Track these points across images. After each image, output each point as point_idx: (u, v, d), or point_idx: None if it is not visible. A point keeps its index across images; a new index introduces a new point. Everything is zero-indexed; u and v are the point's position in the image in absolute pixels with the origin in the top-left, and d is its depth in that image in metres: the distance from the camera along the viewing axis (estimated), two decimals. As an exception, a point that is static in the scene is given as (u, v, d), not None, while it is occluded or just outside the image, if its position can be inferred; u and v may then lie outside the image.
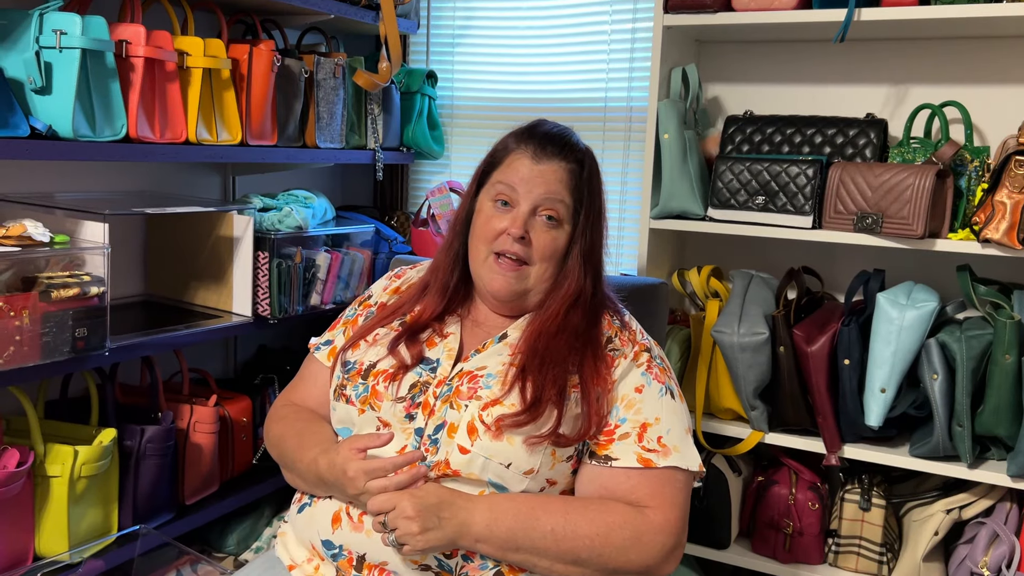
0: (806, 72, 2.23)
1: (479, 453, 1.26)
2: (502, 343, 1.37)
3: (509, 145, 1.40)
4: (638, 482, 1.29)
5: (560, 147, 1.37)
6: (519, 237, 1.33)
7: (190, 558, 1.73)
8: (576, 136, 1.42)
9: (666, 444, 1.30)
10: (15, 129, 1.52)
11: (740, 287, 2.05)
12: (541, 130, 1.40)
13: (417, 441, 1.30)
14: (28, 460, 1.58)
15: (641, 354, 1.37)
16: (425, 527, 1.20)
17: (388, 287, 1.54)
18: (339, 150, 2.25)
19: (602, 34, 2.44)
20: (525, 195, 1.35)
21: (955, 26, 1.93)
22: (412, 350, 1.37)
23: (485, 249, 1.37)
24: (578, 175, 1.37)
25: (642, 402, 1.33)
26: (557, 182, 1.35)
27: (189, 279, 2.08)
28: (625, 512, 1.27)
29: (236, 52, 1.93)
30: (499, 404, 1.28)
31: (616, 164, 2.46)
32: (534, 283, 1.37)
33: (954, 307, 1.94)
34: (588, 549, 1.24)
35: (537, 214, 1.35)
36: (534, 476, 1.28)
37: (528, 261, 1.35)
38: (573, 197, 1.36)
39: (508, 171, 1.38)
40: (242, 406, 2.08)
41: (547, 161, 1.36)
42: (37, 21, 1.56)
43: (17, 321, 1.50)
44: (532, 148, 1.37)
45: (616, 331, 1.40)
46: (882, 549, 1.99)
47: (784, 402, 1.98)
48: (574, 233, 1.37)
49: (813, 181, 1.95)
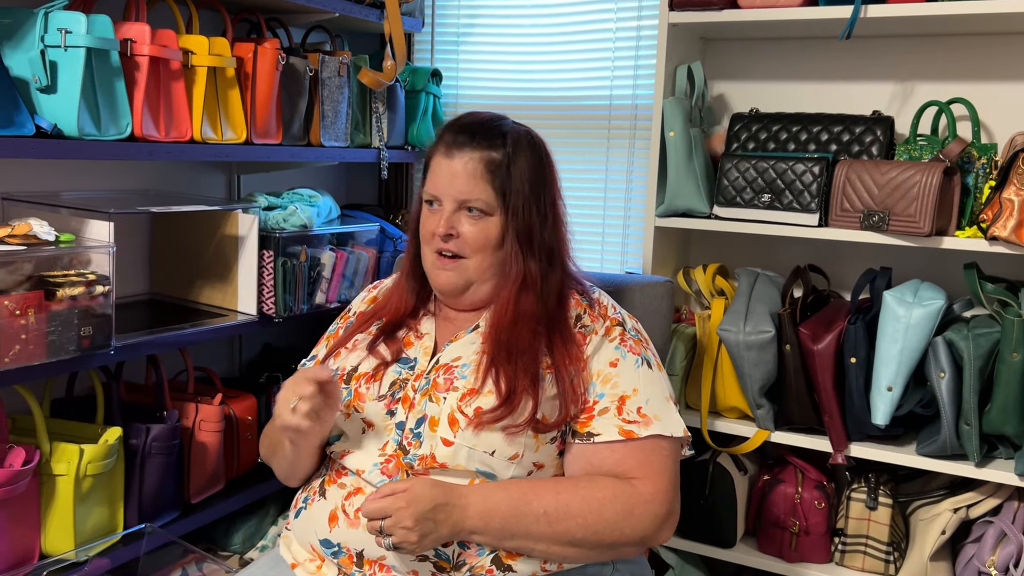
0: (812, 69, 2.22)
1: (463, 444, 1.28)
2: (474, 332, 1.40)
3: (434, 143, 1.42)
4: (623, 455, 1.30)
5: (470, 136, 1.36)
6: (445, 235, 1.35)
7: (195, 556, 1.73)
8: (502, 121, 1.40)
9: (646, 414, 1.31)
10: (20, 128, 1.53)
11: (746, 285, 2.05)
12: (457, 123, 1.40)
13: (399, 435, 1.32)
14: (34, 459, 1.58)
15: (613, 328, 1.38)
16: (423, 534, 1.21)
17: (366, 298, 1.58)
18: (344, 149, 2.25)
19: (607, 32, 2.43)
20: (444, 193, 1.36)
21: (962, 22, 1.92)
22: (391, 347, 1.40)
23: (428, 250, 1.40)
24: (495, 162, 1.35)
25: (618, 375, 1.34)
26: (469, 175, 1.34)
27: (194, 278, 2.08)
28: (615, 486, 1.28)
29: (241, 51, 1.93)
30: (476, 394, 1.30)
31: (621, 162, 2.46)
32: (474, 274, 1.38)
33: (961, 305, 1.93)
34: (582, 528, 1.25)
35: (462, 208, 1.36)
36: (519, 461, 1.29)
37: (462, 255, 1.37)
38: (492, 186, 1.35)
39: (430, 173, 1.40)
40: (247, 405, 2.08)
41: (458, 154, 1.35)
42: (42, 20, 1.57)
43: (23, 320, 1.50)
44: (445, 144, 1.38)
45: (584, 308, 1.41)
46: (889, 548, 1.98)
47: (790, 401, 1.97)
48: (505, 220, 1.36)
49: (819, 179, 1.94)
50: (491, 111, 1.43)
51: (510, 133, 1.39)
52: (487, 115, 1.41)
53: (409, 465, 1.30)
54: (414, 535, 1.20)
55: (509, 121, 1.42)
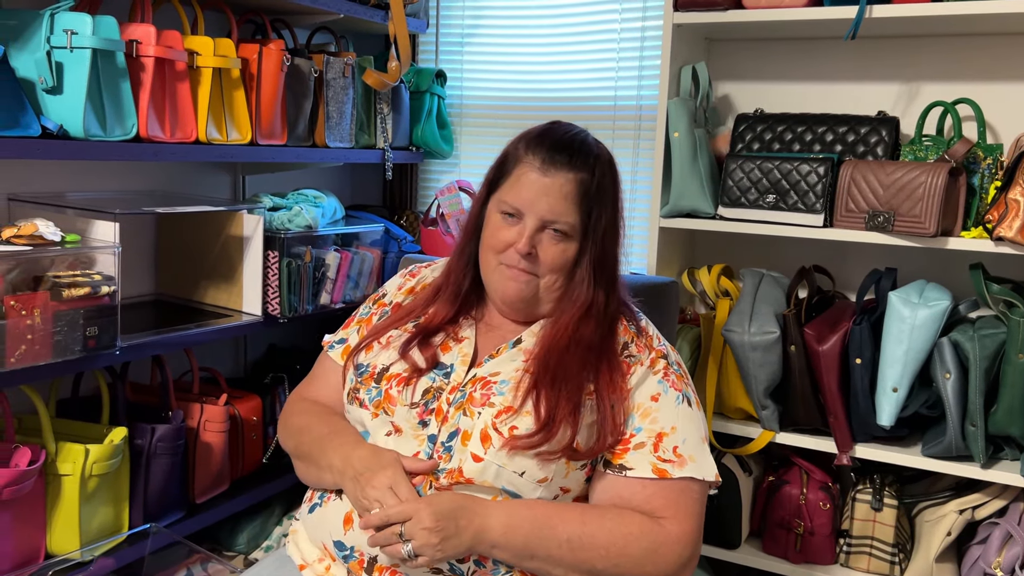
0: (817, 70, 2.22)
1: (492, 461, 1.25)
2: (516, 348, 1.36)
3: (519, 151, 1.35)
4: (653, 492, 1.28)
5: (570, 156, 1.32)
6: (526, 254, 1.31)
7: (200, 557, 1.73)
8: (590, 139, 1.37)
9: (682, 454, 1.29)
10: (26, 129, 1.53)
11: (751, 286, 2.05)
12: (552, 137, 1.34)
13: (430, 448, 1.29)
14: (40, 459, 1.59)
15: (658, 361, 1.35)
16: (444, 537, 1.18)
17: (403, 286, 1.53)
18: (349, 149, 2.26)
19: (612, 32, 2.43)
20: (531, 211, 1.31)
21: (967, 23, 1.92)
22: (425, 354, 1.36)
23: (495, 258, 1.35)
24: (588, 185, 1.31)
25: (658, 411, 1.31)
26: (563, 198, 1.30)
27: (199, 278, 2.09)
28: (642, 523, 1.25)
29: (246, 52, 1.94)
30: (514, 413, 1.27)
31: (626, 163, 2.45)
32: (544, 292, 1.35)
33: (967, 306, 1.93)
34: (604, 559, 1.23)
35: (545, 228, 1.32)
36: (548, 484, 1.27)
37: (536, 274, 1.34)
38: (581, 210, 1.31)
39: (516, 185, 1.33)
40: (252, 405, 2.08)
41: (555, 173, 1.31)
42: (48, 21, 1.57)
43: (29, 320, 1.51)
44: (540, 158, 1.32)
45: (632, 336, 1.38)
46: (894, 549, 1.97)
47: (795, 401, 1.97)
48: (584, 244, 1.34)
49: (824, 179, 1.93)
50: (575, 125, 1.38)
51: (599, 155, 1.35)
52: (578, 131, 1.37)
53: (436, 478, 1.27)
54: (435, 537, 1.17)
55: (593, 139, 1.38)
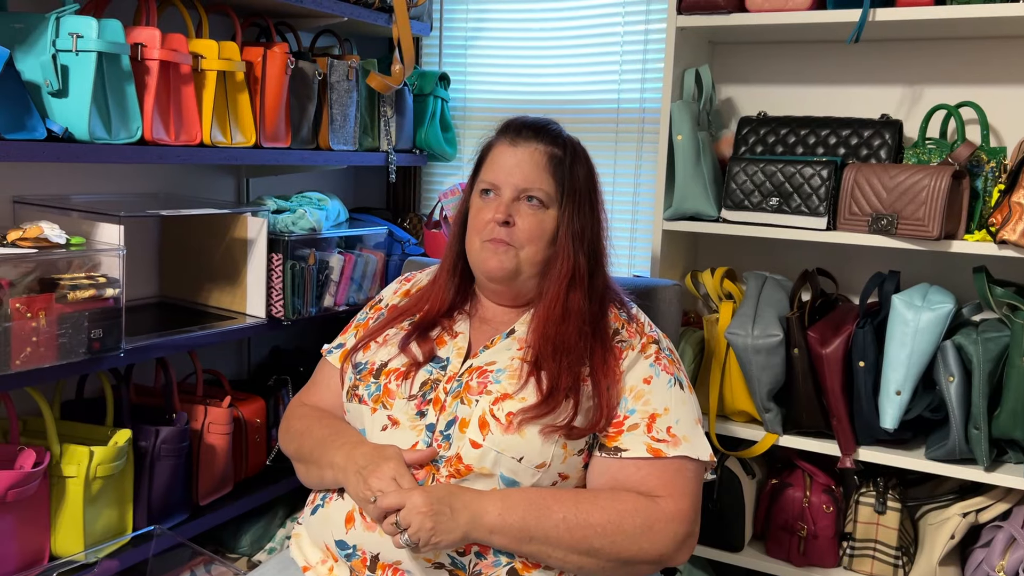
0: (820, 73, 2.22)
1: (491, 447, 1.27)
2: (510, 338, 1.39)
3: (492, 138, 1.44)
4: (648, 472, 1.30)
5: (536, 131, 1.40)
6: (503, 222, 1.36)
7: (204, 559, 1.73)
8: (558, 126, 1.44)
9: (675, 434, 1.31)
10: (32, 131, 1.54)
11: (754, 289, 2.05)
12: (520, 120, 1.43)
13: (429, 437, 1.31)
14: (44, 460, 1.59)
15: (649, 345, 1.38)
16: (438, 520, 1.20)
17: (399, 290, 1.57)
18: (352, 152, 2.26)
19: (615, 35, 2.44)
20: (505, 181, 1.37)
21: (971, 26, 1.92)
22: (423, 347, 1.39)
23: (478, 240, 1.39)
24: (559, 157, 1.38)
25: (651, 393, 1.33)
26: (535, 166, 1.37)
27: (203, 281, 2.09)
28: (636, 500, 1.27)
29: (250, 55, 1.94)
30: (510, 398, 1.29)
31: (629, 166, 2.46)
32: (525, 265, 1.38)
33: (970, 309, 1.93)
34: (600, 537, 1.24)
35: (521, 198, 1.37)
36: (546, 470, 1.29)
37: (515, 244, 1.37)
38: (555, 179, 1.38)
39: (490, 162, 1.41)
40: (256, 407, 2.08)
41: (524, 144, 1.38)
42: (53, 24, 1.58)
43: (34, 322, 1.51)
44: (510, 135, 1.40)
45: (623, 323, 1.41)
46: (897, 553, 1.97)
47: (798, 404, 1.97)
48: (561, 214, 1.38)
49: (827, 182, 1.94)
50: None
51: (568, 138, 1.44)
52: (546, 118, 1.45)
53: (436, 467, 1.30)
54: (429, 521, 1.19)
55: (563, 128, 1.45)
